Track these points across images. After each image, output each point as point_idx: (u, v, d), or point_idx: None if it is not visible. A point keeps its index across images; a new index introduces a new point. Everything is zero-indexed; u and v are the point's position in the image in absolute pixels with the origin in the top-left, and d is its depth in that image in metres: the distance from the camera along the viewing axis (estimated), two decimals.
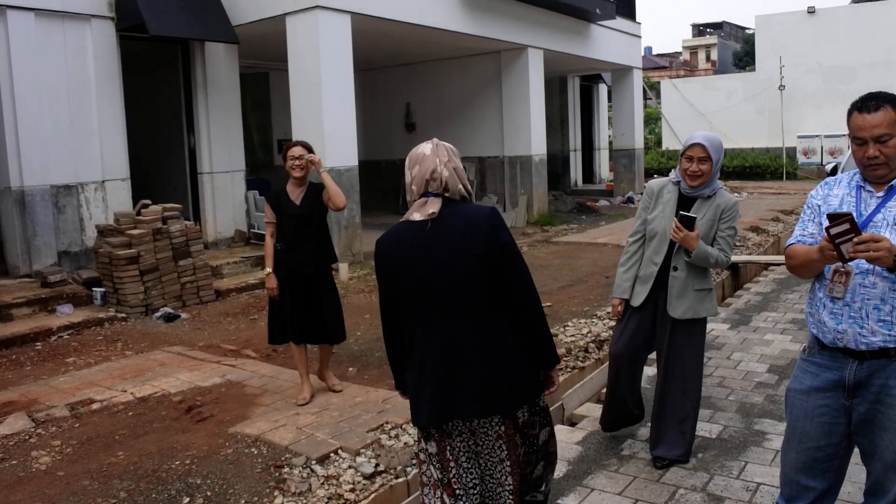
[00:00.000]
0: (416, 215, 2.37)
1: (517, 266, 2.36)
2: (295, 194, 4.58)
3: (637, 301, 3.61)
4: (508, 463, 2.41)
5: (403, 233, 2.38)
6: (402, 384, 2.60)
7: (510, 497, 2.44)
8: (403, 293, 2.39)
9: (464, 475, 2.42)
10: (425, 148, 2.44)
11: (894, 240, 2.20)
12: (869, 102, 2.28)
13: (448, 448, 2.41)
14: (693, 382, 3.61)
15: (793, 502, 2.51)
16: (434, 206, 2.33)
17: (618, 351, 3.75)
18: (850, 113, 2.35)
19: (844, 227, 2.14)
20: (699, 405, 3.69)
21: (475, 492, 2.44)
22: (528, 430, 2.47)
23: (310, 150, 4.64)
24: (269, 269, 4.56)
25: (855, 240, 2.12)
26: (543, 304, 7.42)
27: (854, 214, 2.19)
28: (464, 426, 2.40)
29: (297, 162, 4.53)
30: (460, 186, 2.40)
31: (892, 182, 2.31)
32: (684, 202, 3.50)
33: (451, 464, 2.41)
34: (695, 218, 3.36)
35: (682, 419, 3.61)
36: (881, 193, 2.32)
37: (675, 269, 3.49)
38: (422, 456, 2.53)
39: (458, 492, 2.42)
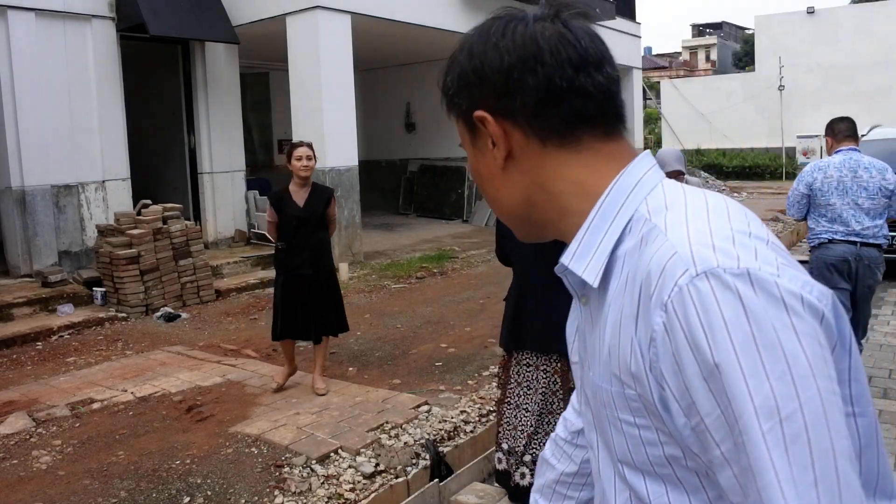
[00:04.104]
0: None
1: None
2: (299, 195, 4.59)
3: None
4: (561, 393, 2.94)
5: None
6: None
7: (531, 429, 2.97)
8: (510, 247, 3.08)
9: (521, 396, 3.02)
10: None
11: None
12: None
13: (513, 369, 3.06)
14: None
15: None
16: None
17: None
18: None
19: None
20: None
21: (527, 413, 3.00)
22: None
23: (313, 150, 4.66)
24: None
25: None
26: None
27: None
28: (531, 358, 3.00)
29: (303, 163, 4.53)
30: None
31: None
32: None
33: (512, 384, 3.05)
34: None
35: None
36: None
37: None
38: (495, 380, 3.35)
39: (506, 404, 3.07)
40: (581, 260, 0.81)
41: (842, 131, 4.62)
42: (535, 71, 0.80)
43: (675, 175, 4.25)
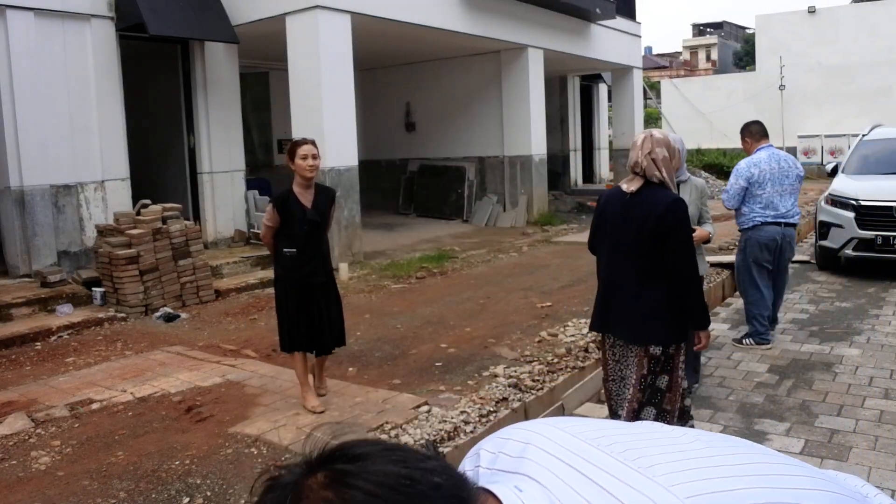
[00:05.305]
0: (625, 185, 3.23)
1: (679, 245, 3.14)
2: (305, 197, 4.29)
3: None
4: (634, 377, 3.31)
5: (615, 193, 3.33)
6: None
7: (627, 402, 3.34)
8: (601, 232, 3.40)
9: (616, 370, 3.43)
10: (638, 138, 3.22)
11: None
12: None
13: (608, 350, 3.46)
14: None
15: None
16: (635, 184, 3.18)
17: None
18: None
19: None
20: None
21: (621, 383, 3.42)
22: (655, 364, 3.27)
23: (317, 147, 4.43)
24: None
25: None
26: (543, 304, 7.38)
27: None
28: (619, 340, 3.37)
29: (309, 162, 4.23)
30: (655, 172, 3.15)
31: None
32: None
33: (609, 361, 3.46)
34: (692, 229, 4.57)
35: (696, 355, 4.62)
36: None
37: None
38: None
39: (610, 381, 3.48)
40: None
41: (758, 132, 5.58)
42: None
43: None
